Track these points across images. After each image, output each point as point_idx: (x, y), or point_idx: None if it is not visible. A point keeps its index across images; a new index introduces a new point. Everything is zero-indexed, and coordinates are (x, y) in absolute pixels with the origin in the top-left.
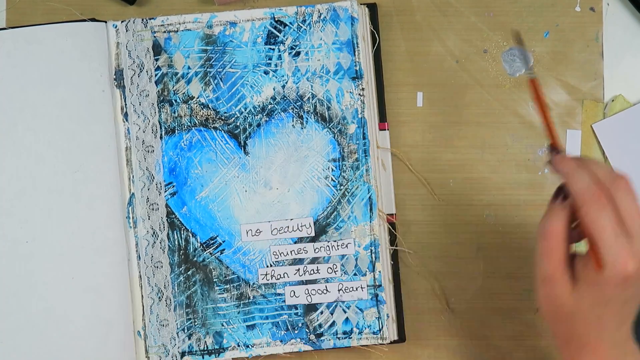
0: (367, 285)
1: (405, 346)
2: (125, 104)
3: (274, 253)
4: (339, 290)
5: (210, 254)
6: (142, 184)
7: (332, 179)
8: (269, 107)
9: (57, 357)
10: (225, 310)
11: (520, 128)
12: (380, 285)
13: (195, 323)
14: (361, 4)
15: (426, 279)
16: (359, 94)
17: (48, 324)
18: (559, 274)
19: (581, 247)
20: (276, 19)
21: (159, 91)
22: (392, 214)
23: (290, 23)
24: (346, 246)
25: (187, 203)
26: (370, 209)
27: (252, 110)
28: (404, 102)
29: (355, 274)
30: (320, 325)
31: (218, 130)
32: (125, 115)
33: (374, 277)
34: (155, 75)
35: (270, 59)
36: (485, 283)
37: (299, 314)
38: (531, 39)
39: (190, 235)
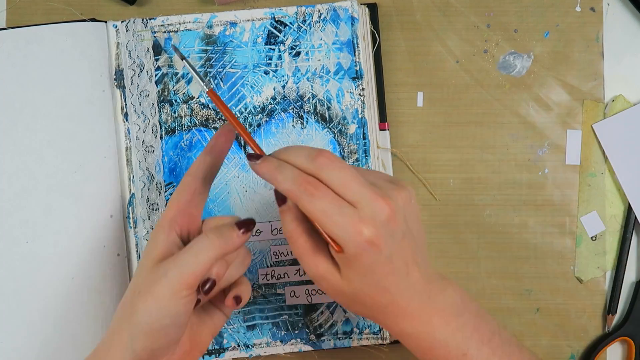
0: None
1: (405, 346)
2: (126, 104)
3: (274, 253)
4: None
5: None
6: (142, 184)
7: None
8: (269, 107)
9: (57, 357)
10: None
11: (520, 128)
12: None
13: None
14: (361, 4)
15: None
16: (359, 94)
17: (48, 324)
18: (322, 269)
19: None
20: (276, 19)
21: (159, 91)
22: None
23: (290, 23)
24: None
25: None
26: None
27: (253, 110)
28: (404, 102)
29: None
30: (320, 326)
31: None
32: (126, 115)
33: None
34: (156, 75)
35: (270, 59)
36: (485, 283)
37: (299, 314)
38: (531, 39)
39: None
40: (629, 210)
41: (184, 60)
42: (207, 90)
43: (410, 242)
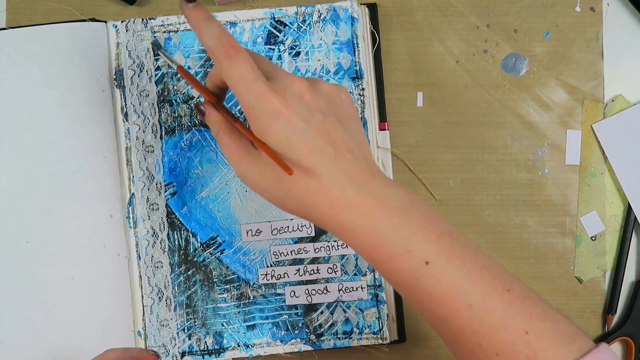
0: (367, 285)
1: (405, 346)
2: (125, 104)
3: (274, 253)
4: (339, 290)
5: (211, 254)
6: (142, 184)
7: None
8: None
9: (57, 357)
10: (226, 310)
11: (520, 128)
12: (380, 286)
13: (196, 323)
14: (361, 4)
15: None
16: (359, 94)
17: (48, 324)
18: (246, 163)
19: None
20: (276, 19)
21: (159, 91)
22: None
23: (290, 23)
24: (346, 246)
25: (187, 203)
26: None
27: None
28: (404, 102)
29: (355, 274)
30: (320, 325)
31: None
32: (126, 115)
33: (374, 277)
34: (156, 75)
35: (270, 59)
36: None
37: (299, 314)
38: (531, 39)
39: (191, 235)
40: (629, 210)
41: (159, 50)
42: (176, 67)
43: (336, 126)
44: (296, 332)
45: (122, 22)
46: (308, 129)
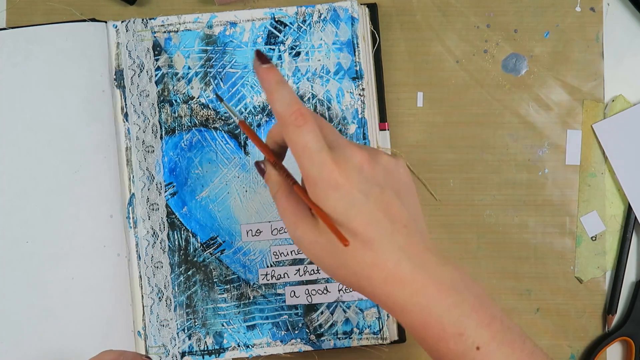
0: None
1: (405, 346)
2: (126, 104)
3: (274, 253)
4: (339, 291)
5: (211, 254)
6: (142, 184)
7: None
8: (270, 107)
9: (57, 357)
10: (226, 310)
11: (520, 128)
12: None
13: (196, 323)
14: (361, 4)
15: None
16: (359, 94)
17: (48, 324)
18: (302, 227)
19: None
20: (276, 19)
21: (159, 91)
22: None
23: (290, 23)
24: None
25: (187, 203)
26: None
27: (253, 110)
28: (404, 102)
29: None
30: (320, 326)
31: (218, 131)
32: (126, 115)
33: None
34: (156, 76)
35: (270, 59)
36: (485, 283)
37: (299, 314)
38: (531, 39)
39: (191, 235)
40: (629, 210)
41: (222, 102)
42: (238, 121)
43: (393, 200)
44: (296, 332)
45: (122, 22)
46: (367, 202)
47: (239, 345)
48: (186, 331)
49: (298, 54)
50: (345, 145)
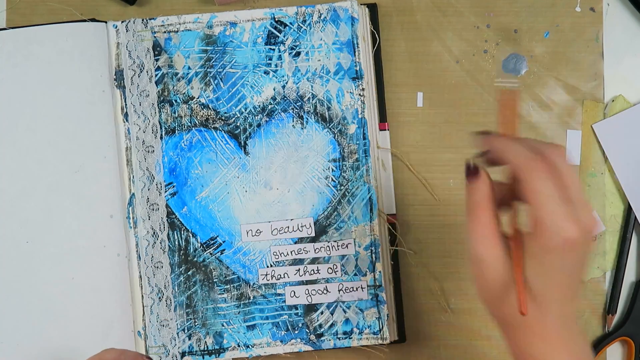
0: (368, 286)
1: (405, 346)
2: (126, 104)
3: (274, 253)
4: (339, 291)
5: (211, 254)
6: (142, 184)
7: (332, 179)
8: (269, 107)
9: (57, 357)
10: (226, 310)
11: (520, 128)
12: (380, 286)
13: (196, 323)
14: (361, 4)
15: (426, 279)
16: (359, 94)
17: (48, 324)
18: (494, 251)
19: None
20: (276, 19)
21: (159, 91)
22: (392, 214)
23: (290, 23)
24: (346, 246)
25: (187, 203)
26: (371, 209)
27: (253, 110)
28: (404, 102)
29: (355, 274)
30: (320, 326)
31: (218, 131)
32: (126, 115)
33: (374, 277)
34: (156, 76)
35: (270, 59)
36: None
37: (299, 314)
38: (531, 39)
39: (191, 235)
40: (629, 210)
41: None
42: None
43: (578, 273)
44: (296, 332)
45: (122, 22)
46: (579, 264)
47: (239, 345)
48: (186, 331)
49: (298, 54)
50: (583, 206)
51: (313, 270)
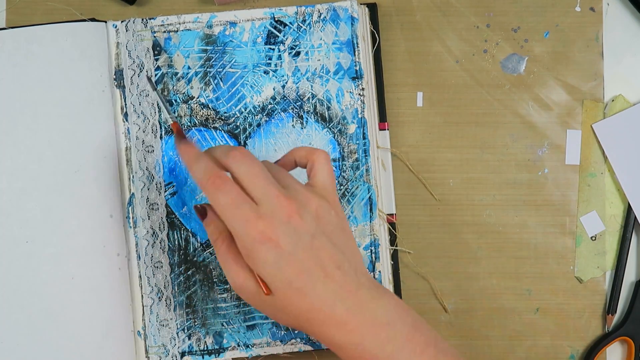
0: None
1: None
2: (125, 104)
3: None
4: None
5: (210, 253)
6: (142, 184)
7: None
8: (269, 107)
9: (57, 357)
10: (225, 310)
11: (520, 128)
12: None
13: (196, 323)
14: (361, 4)
15: (426, 279)
16: (359, 94)
17: (48, 324)
18: (242, 277)
19: None
20: (276, 19)
21: (159, 91)
22: (392, 214)
23: (290, 23)
24: None
25: (187, 203)
26: (370, 209)
27: (252, 110)
28: (404, 102)
29: None
30: None
31: (218, 130)
32: (125, 115)
33: (374, 277)
34: (155, 75)
35: (270, 59)
36: (485, 283)
37: None
38: (531, 39)
39: (190, 235)
40: (629, 210)
41: (155, 91)
42: (171, 122)
43: (325, 245)
44: (296, 332)
45: (122, 22)
46: (295, 252)
47: (238, 345)
48: (186, 331)
49: (298, 53)
50: (272, 196)
51: None
